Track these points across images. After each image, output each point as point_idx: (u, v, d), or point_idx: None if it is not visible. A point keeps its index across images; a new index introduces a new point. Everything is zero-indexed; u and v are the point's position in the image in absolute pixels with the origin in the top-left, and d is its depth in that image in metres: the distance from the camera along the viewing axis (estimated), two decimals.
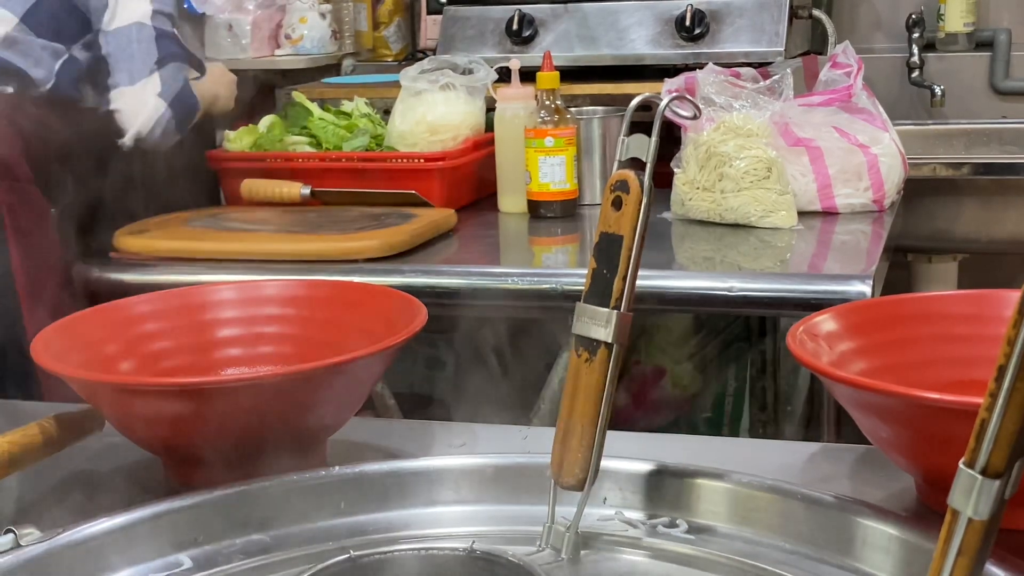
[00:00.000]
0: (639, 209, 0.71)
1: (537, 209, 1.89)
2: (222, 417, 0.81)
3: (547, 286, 1.62)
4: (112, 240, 1.79)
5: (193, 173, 3.37)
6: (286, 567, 0.72)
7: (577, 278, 1.63)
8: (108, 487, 0.86)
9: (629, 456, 0.77)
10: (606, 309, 0.71)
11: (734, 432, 1.93)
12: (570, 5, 2.22)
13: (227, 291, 0.94)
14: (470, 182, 1.99)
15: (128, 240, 1.80)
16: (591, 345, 0.71)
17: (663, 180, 1.86)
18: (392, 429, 0.98)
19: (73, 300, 1.66)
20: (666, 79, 1.91)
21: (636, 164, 0.72)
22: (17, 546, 0.67)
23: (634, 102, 0.73)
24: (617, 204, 0.71)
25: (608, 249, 0.71)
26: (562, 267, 1.74)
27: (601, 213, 0.72)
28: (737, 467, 0.76)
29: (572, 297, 1.62)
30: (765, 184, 1.75)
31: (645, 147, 0.71)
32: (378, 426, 0.96)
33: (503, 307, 1.75)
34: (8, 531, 0.68)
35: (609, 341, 0.70)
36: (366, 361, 0.84)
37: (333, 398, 0.85)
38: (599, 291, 0.71)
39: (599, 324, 0.71)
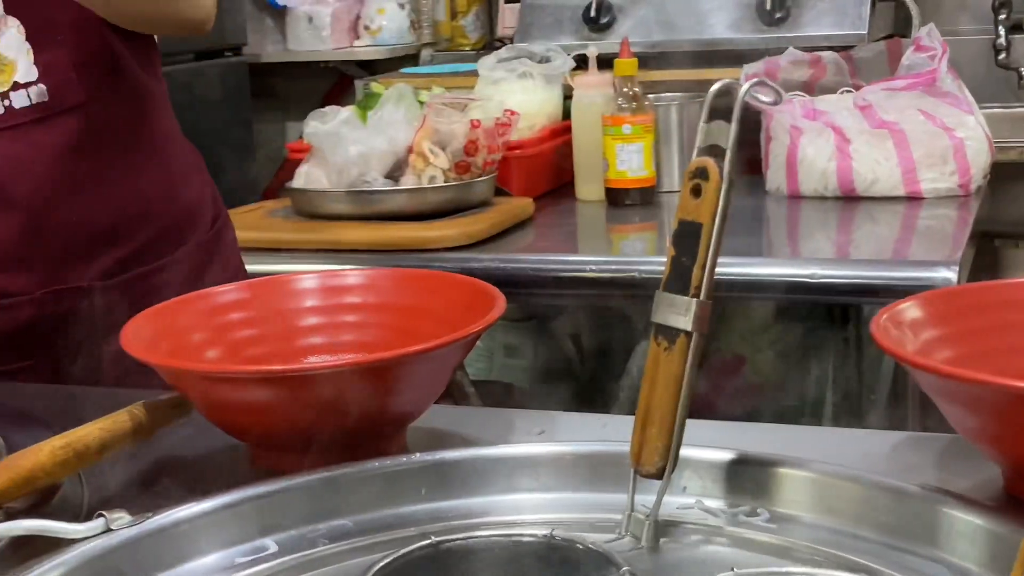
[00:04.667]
0: (718, 197, 0.70)
1: (615, 197, 1.89)
2: (305, 404, 0.82)
3: (626, 274, 1.62)
4: None
5: (272, 163, 3.41)
6: (369, 552, 0.73)
7: (656, 265, 1.62)
8: (195, 472, 0.88)
9: (709, 445, 0.77)
10: (685, 297, 0.70)
11: (816, 421, 1.91)
12: None
13: (310, 280, 0.95)
14: (547, 170, 1.99)
15: None
16: (670, 333, 0.71)
17: (751, 167, 1.85)
18: (471, 417, 0.99)
19: None
20: (745, 64, 1.89)
21: (716, 151, 0.72)
22: (108, 530, 0.69)
23: (713, 88, 0.73)
24: (696, 192, 0.71)
25: (687, 237, 0.71)
26: (640, 255, 1.74)
27: (680, 200, 0.71)
28: (820, 456, 0.75)
29: (651, 285, 1.61)
30: None
31: (725, 134, 0.71)
32: (457, 414, 0.97)
33: (581, 295, 1.76)
34: (99, 515, 0.70)
35: (688, 329, 0.70)
36: (446, 349, 0.84)
37: (413, 386, 0.86)
38: (678, 279, 0.71)
39: (678, 312, 0.70)
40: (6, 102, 1.08)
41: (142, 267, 1.19)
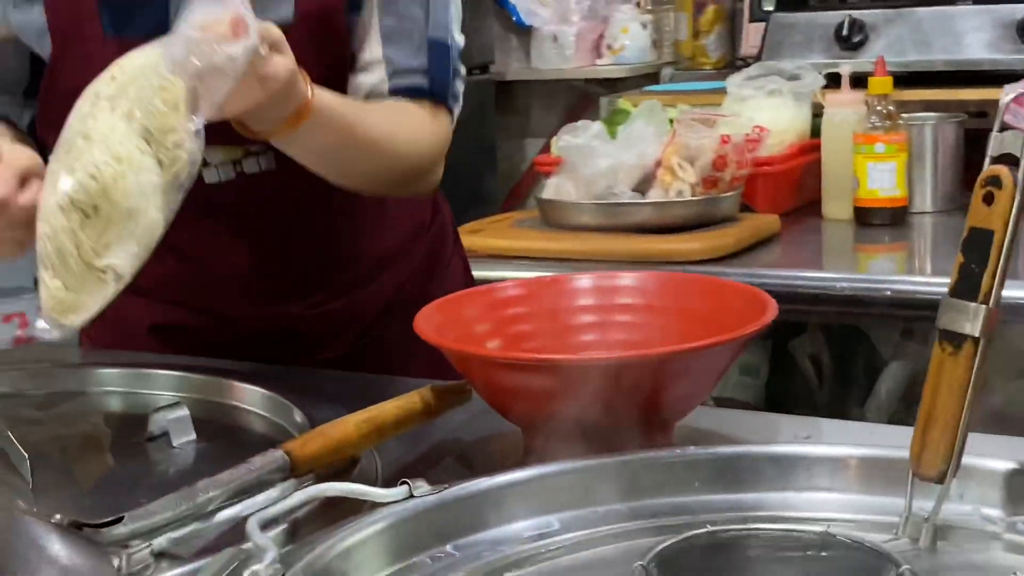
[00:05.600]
0: (1012, 204, 0.71)
1: (864, 216, 1.87)
2: (580, 394, 0.86)
3: (877, 293, 1.60)
4: None
5: (509, 178, 3.51)
6: (645, 536, 0.76)
7: (908, 285, 1.60)
8: (474, 453, 0.93)
9: (988, 455, 0.77)
10: (974, 304, 0.71)
11: None
12: (903, 10, 2.18)
13: (585, 280, 1.00)
14: (794, 188, 1.99)
15: (465, 238, 1.91)
16: (956, 339, 0.72)
17: None
18: (737, 418, 1.01)
19: None
20: (1006, 85, 1.84)
21: (1008, 159, 0.72)
22: (410, 496, 0.75)
23: (1007, 97, 0.73)
24: (988, 199, 0.71)
25: (977, 244, 0.71)
26: (890, 274, 1.71)
27: (971, 208, 0.72)
28: None
29: (903, 305, 1.60)
30: None
31: (1018, 144, 0.71)
32: (722, 415, 0.99)
33: (826, 314, 1.75)
34: (403, 483, 0.75)
35: (976, 335, 0.71)
36: (719, 349, 0.87)
37: (684, 383, 0.89)
38: (967, 285, 0.72)
39: (966, 318, 0.71)
40: (237, 168, 1.16)
41: (347, 297, 1.26)
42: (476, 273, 1.81)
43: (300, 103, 0.97)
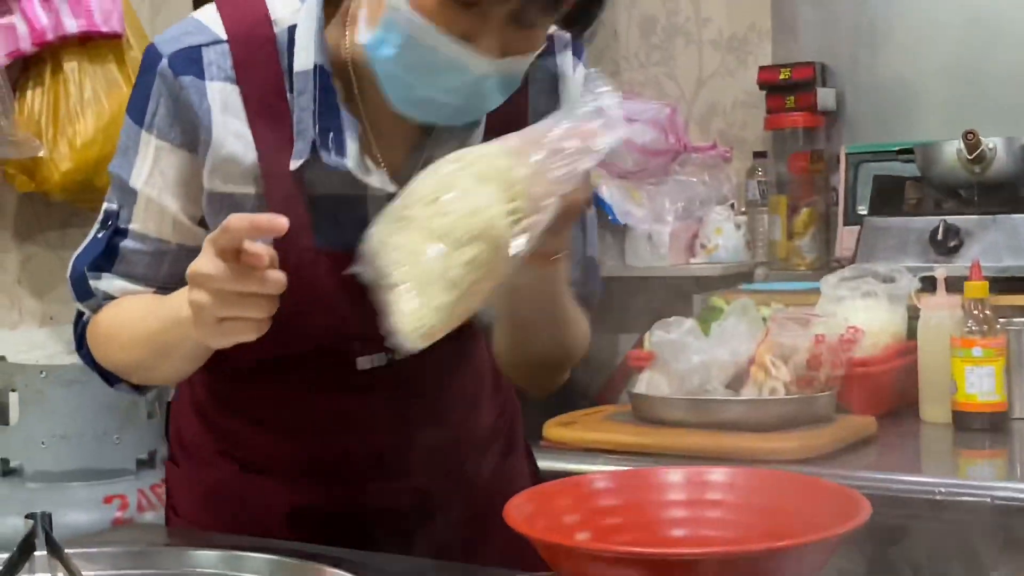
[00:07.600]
0: None
1: (963, 420, 1.84)
2: None
3: (978, 499, 1.57)
4: (543, 430, 1.93)
5: (600, 372, 3.52)
6: None
7: (1010, 492, 1.56)
8: None
9: None
10: None
11: None
12: (999, 216, 2.19)
13: (676, 474, 1.00)
14: (890, 389, 1.97)
15: (557, 431, 1.93)
16: None
17: None
18: None
19: None
20: None
21: None
22: None
23: None
24: None
25: None
26: (991, 479, 1.67)
27: None
28: None
29: (1007, 513, 1.56)
30: None
31: None
32: None
33: (923, 518, 1.70)
34: None
35: None
36: (809, 549, 0.86)
37: None
38: None
39: None
40: (389, 354, 1.21)
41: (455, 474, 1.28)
42: (567, 466, 1.81)
43: None
